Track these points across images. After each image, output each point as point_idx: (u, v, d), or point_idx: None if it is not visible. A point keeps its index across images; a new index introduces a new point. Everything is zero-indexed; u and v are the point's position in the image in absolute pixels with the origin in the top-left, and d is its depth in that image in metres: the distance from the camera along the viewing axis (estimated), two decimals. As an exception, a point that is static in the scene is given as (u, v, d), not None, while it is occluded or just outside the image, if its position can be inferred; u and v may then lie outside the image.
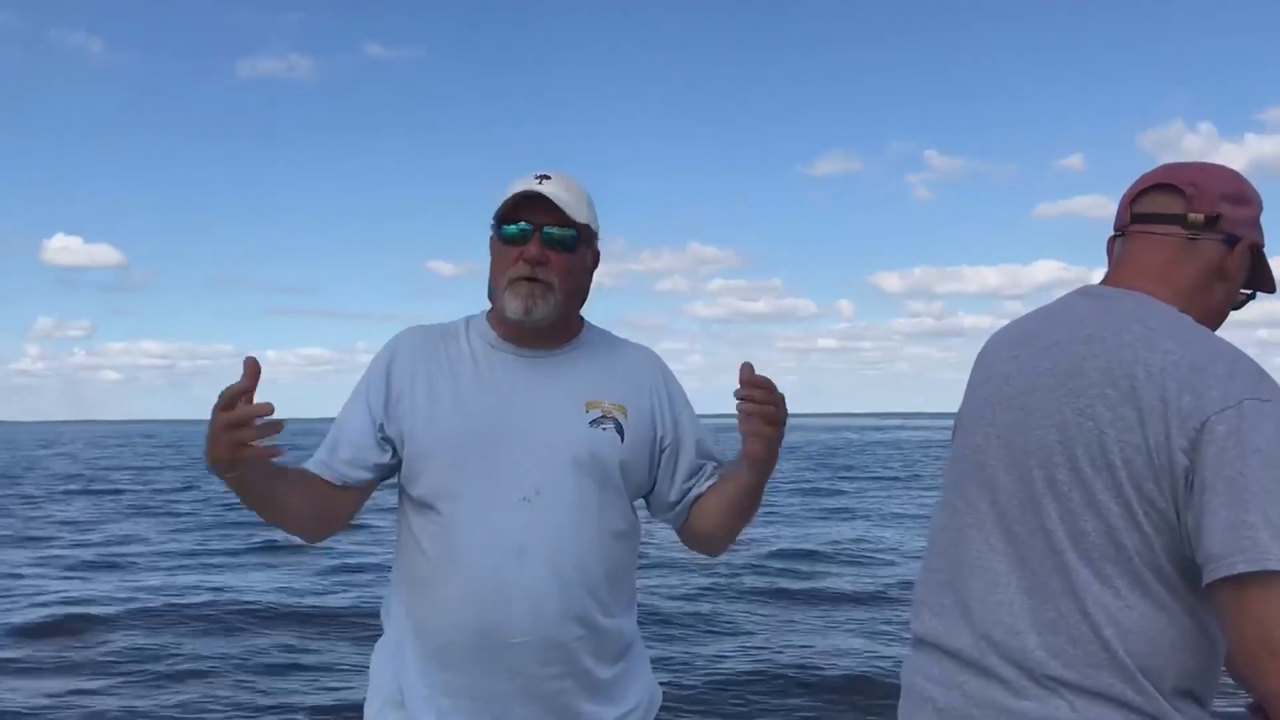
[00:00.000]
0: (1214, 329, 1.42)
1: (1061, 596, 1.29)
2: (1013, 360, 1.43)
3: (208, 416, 1.46)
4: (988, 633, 1.34)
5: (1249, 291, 1.50)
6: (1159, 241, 1.42)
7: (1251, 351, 1.31)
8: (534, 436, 1.69)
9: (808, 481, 26.34)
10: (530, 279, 1.69)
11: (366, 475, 1.74)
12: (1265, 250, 1.47)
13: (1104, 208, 1.97)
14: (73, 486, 26.63)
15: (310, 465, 1.74)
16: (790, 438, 1.93)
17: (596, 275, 1.82)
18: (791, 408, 1.62)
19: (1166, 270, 1.41)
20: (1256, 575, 1.15)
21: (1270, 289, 1.51)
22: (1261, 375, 1.27)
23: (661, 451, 1.81)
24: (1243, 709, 1.33)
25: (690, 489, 1.83)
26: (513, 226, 1.71)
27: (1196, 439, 1.21)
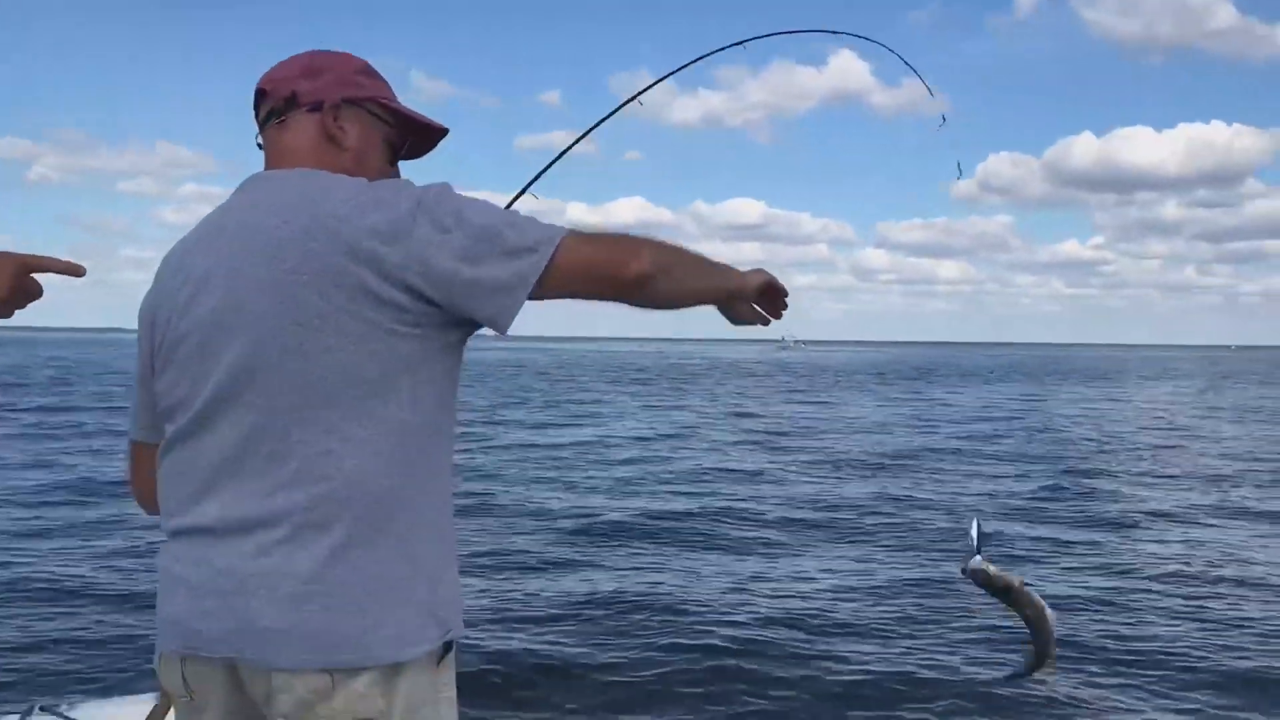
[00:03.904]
0: None
1: (294, 453, 1.37)
2: (209, 254, 1.47)
3: None
4: (234, 503, 1.40)
5: (402, 142, 1.64)
6: (271, 138, 1.57)
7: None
8: None
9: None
10: None
11: None
12: (390, 100, 1.61)
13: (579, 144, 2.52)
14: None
15: None
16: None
17: (39, 170, 8.77)
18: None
19: (290, 158, 1.54)
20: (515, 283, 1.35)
21: (418, 128, 1.64)
22: (410, 182, 1.45)
23: None
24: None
25: None
26: None
27: (405, 255, 1.35)
